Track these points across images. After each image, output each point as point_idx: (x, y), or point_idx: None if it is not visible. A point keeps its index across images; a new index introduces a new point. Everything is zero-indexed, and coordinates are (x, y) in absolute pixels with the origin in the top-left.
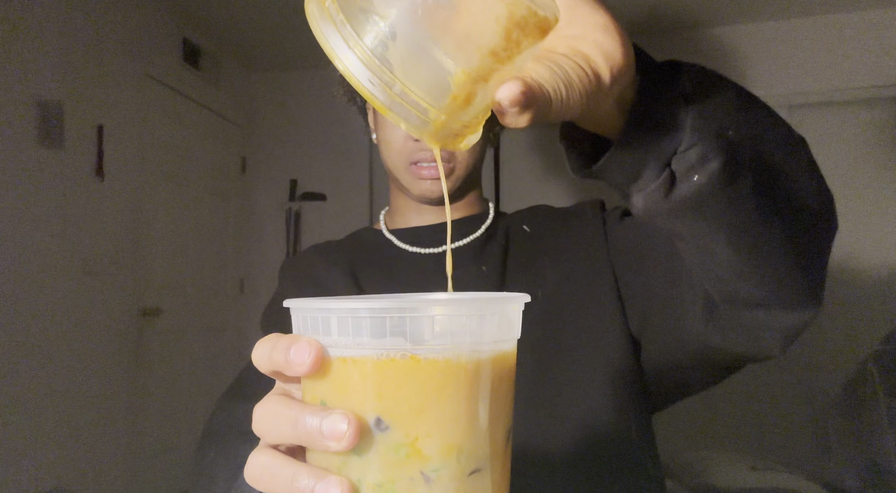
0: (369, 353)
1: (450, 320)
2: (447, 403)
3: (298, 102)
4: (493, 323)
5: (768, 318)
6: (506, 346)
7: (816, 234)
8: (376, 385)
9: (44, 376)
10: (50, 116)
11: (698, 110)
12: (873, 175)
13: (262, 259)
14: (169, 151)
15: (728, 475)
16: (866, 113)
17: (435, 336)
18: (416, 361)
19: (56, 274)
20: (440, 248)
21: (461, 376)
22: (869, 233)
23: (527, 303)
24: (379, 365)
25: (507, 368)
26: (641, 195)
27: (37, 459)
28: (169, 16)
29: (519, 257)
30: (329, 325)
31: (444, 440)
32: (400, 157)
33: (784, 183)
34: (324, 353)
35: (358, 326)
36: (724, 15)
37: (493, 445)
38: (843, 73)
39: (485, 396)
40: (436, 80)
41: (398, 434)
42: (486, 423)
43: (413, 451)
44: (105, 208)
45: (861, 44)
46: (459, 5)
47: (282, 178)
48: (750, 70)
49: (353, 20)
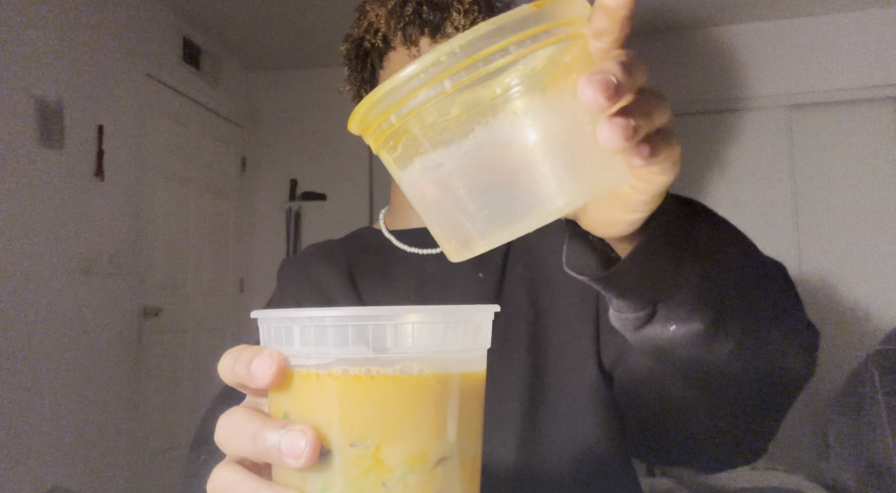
0: (331, 364)
1: (413, 329)
2: (409, 413)
3: (298, 101)
4: (457, 333)
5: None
6: (472, 356)
7: (790, 397)
8: (338, 398)
9: (44, 375)
10: (50, 116)
11: (704, 271)
12: (873, 175)
13: (262, 259)
14: (169, 151)
15: (727, 475)
16: (866, 113)
17: (398, 345)
18: (378, 372)
19: (56, 274)
20: (438, 248)
21: (424, 387)
22: (869, 233)
23: (520, 317)
24: (340, 377)
25: (474, 378)
26: (615, 313)
27: (37, 458)
28: (169, 15)
29: (519, 268)
30: (291, 335)
31: (407, 450)
32: None
33: (769, 354)
34: (286, 365)
35: (321, 335)
36: (725, 15)
37: (461, 446)
38: (843, 74)
39: (449, 405)
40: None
41: (360, 446)
42: (451, 432)
43: (375, 462)
44: (105, 208)
45: (861, 44)
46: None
47: (282, 177)
48: (750, 70)
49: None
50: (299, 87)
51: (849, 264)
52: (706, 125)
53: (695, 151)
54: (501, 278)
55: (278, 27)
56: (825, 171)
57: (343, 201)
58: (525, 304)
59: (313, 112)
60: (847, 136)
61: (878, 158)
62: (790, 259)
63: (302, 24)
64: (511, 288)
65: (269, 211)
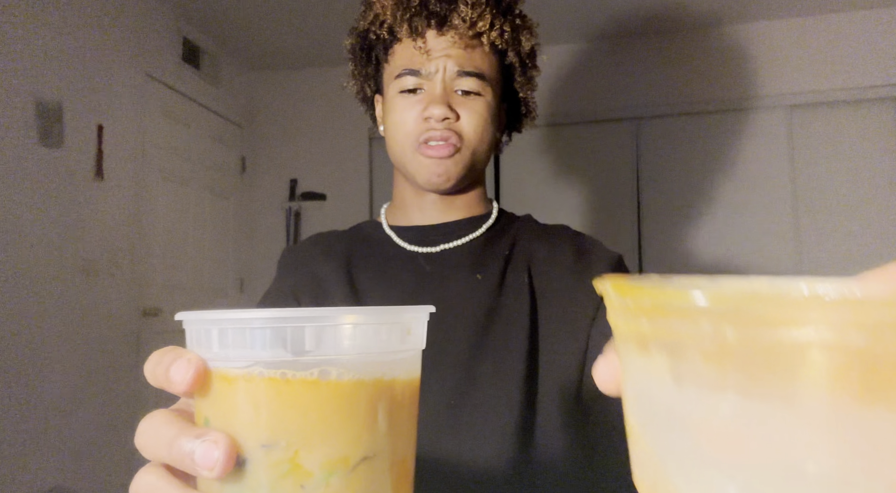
0: (249, 367)
1: (335, 331)
2: (327, 417)
3: (298, 101)
4: (382, 335)
5: None
6: (401, 357)
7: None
8: (253, 403)
9: (44, 375)
10: (50, 116)
11: None
12: (873, 175)
13: (262, 259)
14: (169, 151)
15: None
16: (866, 113)
17: (319, 348)
18: (294, 376)
19: (56, 274)
20: (438, 247)
21: (343, 391)
22: (869, 232)
23: (518, 324)
24: (256, 381)
25: (401, 381)
26: None
27: (38, 458)
28: (169, 15)
29: (521, 272)
30: (210, 338)
31: (326, 454)
32: (409, 138)
33: None
34: (204, 369)
35: (239, 338)
36: (725, 15)
37: (387, 449)
38: (843, 73)
39: (372, 409)
40: None
41: (277, 451)
42: (376, 436)
43: (293, 467)
44: (105, 208)
45: (861, 44)
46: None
47: (282, 177)
48: (750, 70)
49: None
50: (299, 87)
51: (849, 264)
52: (706, 125)
53: (695, 151)
54: (501, 281)
55: (278, 27)
56: (825, 171)
57: (343, 201)
58: (524, 311)
59: (313, 112)
60: (847, 136)
61: (878, 158)
62: (790, 258)
63: (302, 24)
64: (511, 294)
65: (269, 211)
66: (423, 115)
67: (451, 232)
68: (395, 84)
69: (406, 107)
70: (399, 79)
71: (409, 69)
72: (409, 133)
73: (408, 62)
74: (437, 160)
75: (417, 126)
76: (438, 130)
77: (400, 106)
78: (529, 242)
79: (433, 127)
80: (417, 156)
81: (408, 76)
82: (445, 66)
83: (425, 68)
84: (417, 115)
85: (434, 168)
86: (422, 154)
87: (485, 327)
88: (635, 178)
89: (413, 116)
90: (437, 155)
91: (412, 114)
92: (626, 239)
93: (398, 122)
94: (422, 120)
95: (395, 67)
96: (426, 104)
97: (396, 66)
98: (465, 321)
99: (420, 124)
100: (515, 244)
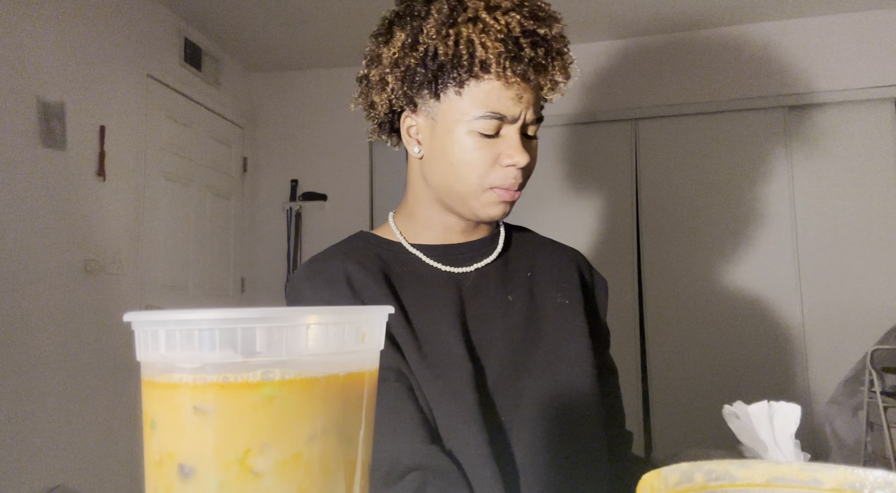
0: (194, 370)
1: (285, 332)
2: (276, 418)
3: (299, 101)
4: (331, 336)
5: None
6: (355, 358)
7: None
8: (196, 406)
9: (45, 375)
10: (52, 117)
11: None
12: (873, 176)
13: (262, 259)
14: (170, 152)
15: None
16: (865, 113)
17: (270, 349)
18: (236, 378)
19: (57, 274)
20: (471, 266)
21: (291, 391)
22: (868, 233)
23: (560, 345)
24: (203, 387)
25: (356, 379)
26: None
27: (38, 458)
28: (170, 16)
29: (556, 295)
30: (157, 339)
31: (275, 455)
32: (482, 179)
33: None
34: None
35: (187, 340)
36: (725, 15)
37: (339, 450)
38: (842, 74)
39: (323, 408)
40: None
41: (227, 453)
42: (329, 435)
43: (243, 468)
44: (107, 208)
45: (861, 44)
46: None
47: (283, 178)
48: (750, 70)
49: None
50: (300, 87)
51: (847, 264)
52: (704, 126)
53: (693, 152)
54: (530, 301)
55: (279, 28)
56: (824, 171)
57: (344, 201)
58: (557, 330)
59: (314, 113)
60: (846, 136)
61: (877, 158)
62: (788, 259)
63: (303, 26)
64: (545, 314)
65: (270, 211)
66: (505, 161)
67: (476, 250)
68: (472, 123)
69: (481, 147)
70: (482, 120)
71: (497, 113)
72: (483, 175)
73: (495, 104)
74: (506, 203)
75: (493, 170)
76: (512, 179)
77: (473, 145)
78: (544, 259)
79: (514, 175)
80: (486, 194)
81: (492, 120)
82: (526, 115)
83: (511, 114)
84: (493, 158)
85: (502, 208)
86: (493, 194)
87: (523, 344)
88: (633, 179)
89: (489, 159)
90: (510, 199)
91: (488, 155)
92: (625, 239)
93: (469, 161)
94: (498, 164)
95: (476, 105)
96: (509, 152)
97: (478, 103)
98: (507, 339)
99: (497, 169)
100: (536, 260)
